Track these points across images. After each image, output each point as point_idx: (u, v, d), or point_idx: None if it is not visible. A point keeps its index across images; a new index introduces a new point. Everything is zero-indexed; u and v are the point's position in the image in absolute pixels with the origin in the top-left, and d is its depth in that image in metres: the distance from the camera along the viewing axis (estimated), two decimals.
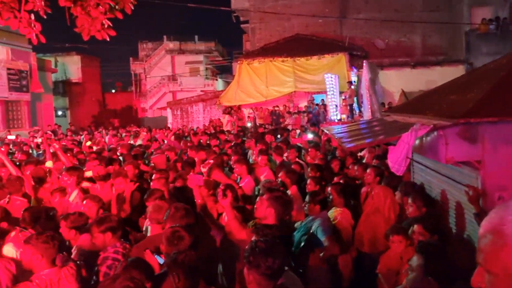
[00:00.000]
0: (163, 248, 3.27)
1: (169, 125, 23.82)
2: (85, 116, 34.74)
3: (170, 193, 5.20)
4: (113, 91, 44.60)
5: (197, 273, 2.79)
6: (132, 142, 12.51)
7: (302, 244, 4.00)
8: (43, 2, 4.95)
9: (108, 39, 6.09)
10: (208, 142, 10.63)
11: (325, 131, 7.72)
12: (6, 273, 3.36)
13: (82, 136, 16.41)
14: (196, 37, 40.45)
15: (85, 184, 5.74)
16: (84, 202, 4.56)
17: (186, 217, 3.66)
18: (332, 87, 18.41)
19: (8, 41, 21.08)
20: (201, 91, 33.24)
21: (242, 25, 28.00)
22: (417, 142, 3.75)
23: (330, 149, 8.92)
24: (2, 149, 12.60)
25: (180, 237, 3.23)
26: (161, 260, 3.23)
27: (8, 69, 21.54)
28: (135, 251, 3.49)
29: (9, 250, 3.71)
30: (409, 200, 4.14)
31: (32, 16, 5.30)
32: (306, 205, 4.39)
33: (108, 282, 2.40)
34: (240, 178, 6.11)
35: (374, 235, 4.76)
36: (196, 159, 7.27)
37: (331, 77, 18.56)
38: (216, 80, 38.70)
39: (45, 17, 5.09)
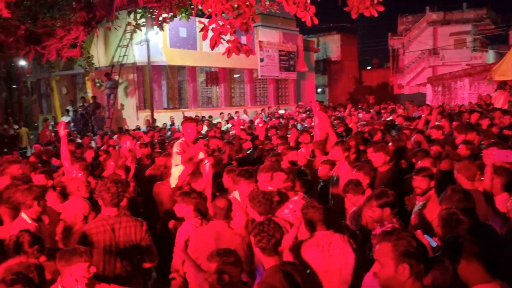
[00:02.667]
0: (438, 230, 3.16)
1: (428, 102, 22.39)
2: (342, 93, 36.23)
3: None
4: (369, 68, 44.84)
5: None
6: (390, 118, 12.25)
7: None
8: None
9: (376, 15, 5.96)
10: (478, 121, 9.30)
11: None
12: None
13: (339, 114, 17.07)
14: (464, 4, 36.42)
15: None
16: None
17: (464, 201, 3.46)
18: None
19: (281, 26, 23.57)
20: (467, 64, 29.97)
21: None
22: None
23: None
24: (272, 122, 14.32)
25: (458, 220, 3.09)
26: (433, 243, 3.04)
27: (280, 51, 24.18)
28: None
29: None
30: None
31: (308, 0, 5.62)
32: None
33: None
34: None
35: None
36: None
37: None
38: (486, 51, 34.15)
39: None
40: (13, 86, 18.70)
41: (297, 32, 25.91)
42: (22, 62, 17.34)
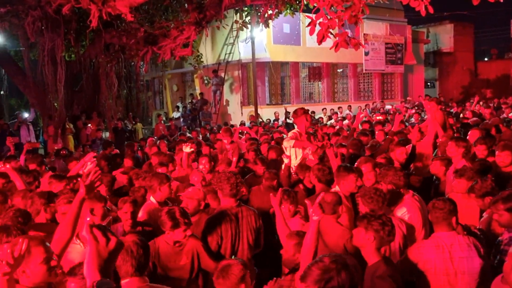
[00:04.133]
0: None
1: None
2: (454, 87, 33.58)
3: None
4: (486, 59, 40.96)
5: None
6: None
7: None
8: None
9: (501, 1, 5.45)
10: None
11: None
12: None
13: (452, 109, 15.88)
14: None
15: None
16: None
17: None
18: None
19: (387, 17, 22.56)
20: None
21: None
22: None
23: None
24: (378, 117, 13.78)
25: None
26: None
27: (386, 43, 23.17)
28: None
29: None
30: None
31: None
32: None
33: None
34: None
35: None
36: None
37: None
38: None
39: None
40: (130, 84, 20.45)
41: (405, 23, 24.59)
42: (140, 62, 18.86)
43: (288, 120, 16.85)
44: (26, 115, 15.70)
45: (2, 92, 23.62)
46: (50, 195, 4.03)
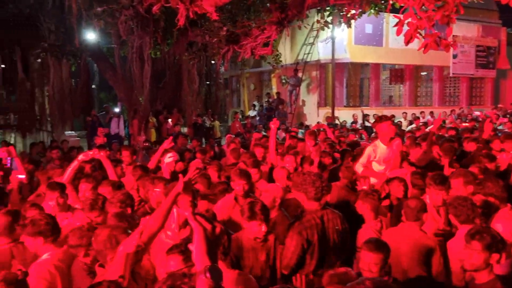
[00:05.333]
0: None
1: None
2: None
3: None
4: None
5: None
6: None
7: None
8: None
9: None
10: None
11: None
12: None
13: None
14: None
15: None
16: None
17: None
18: None
19: (480, 18, 21.09)
20: None
21: None
22: None
23: None
24: (464, 124, 12.92)
25: None
26: None
27: (477, 46, 21.67)
28: None
29: None
30: None
31: None
32: None
33: None
34: None
35: None
36: None
37: None
38: None
39: None
40: (208, 82, 21.07)
41: (500, 25, 22.82)
42: (221, 60, 19.34)
43: (366, 123, 16.37)
44: (116, 109, 16.76)
45: (93, 86, 25.42)
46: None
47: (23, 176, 5.19)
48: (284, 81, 19.35)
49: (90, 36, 14.15)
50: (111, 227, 2.92)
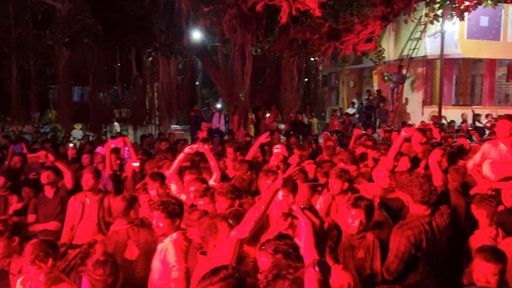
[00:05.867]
0: None
1: None
2: None
3: None
4: None
5: None
6: None
7: None
8: None
9: None
10: None
11: None
12: None
13: None
14: None
15: None
16: None
17: None
18: None
19: None
20: None
21: None
22: None
23: None
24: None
25: None
26: None
27: None
28: None
29: None
30: None
31: None
32: None
33: None
34: None
35: None
36: None
37: None
38: None
39: None
40: (306, 79, 20.99)
41: None
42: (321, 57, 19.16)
43: (477, 123, 15.10)
44: (218, 105, 17.46)
45: (197, 83, 26.76)
46: None
47: (137, 164, 5.64)
48: (386, 78, 18.57)
49: (196, 35, 14.90)
50: (211, 215, 3.05)
